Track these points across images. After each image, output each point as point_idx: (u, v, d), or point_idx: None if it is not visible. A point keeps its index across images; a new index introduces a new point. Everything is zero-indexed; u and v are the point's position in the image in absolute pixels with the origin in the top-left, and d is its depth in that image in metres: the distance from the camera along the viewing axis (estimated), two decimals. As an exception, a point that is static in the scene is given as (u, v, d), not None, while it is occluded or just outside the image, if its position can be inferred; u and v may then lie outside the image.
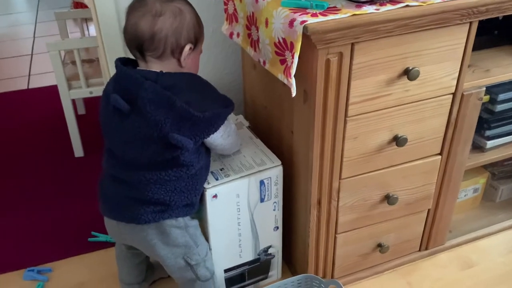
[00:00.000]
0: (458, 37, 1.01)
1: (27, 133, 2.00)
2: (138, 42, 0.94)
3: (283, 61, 0.95)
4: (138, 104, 0.92)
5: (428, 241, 1.34)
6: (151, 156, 0.96)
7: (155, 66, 0.97)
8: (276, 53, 0.97)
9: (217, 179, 1.08)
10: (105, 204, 1.06)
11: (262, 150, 1.18)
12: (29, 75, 2.56)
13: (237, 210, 1.13)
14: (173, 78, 0.95)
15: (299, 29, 0.86)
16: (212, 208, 1.09)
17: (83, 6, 3.11)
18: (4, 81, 2.49)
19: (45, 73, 2.54)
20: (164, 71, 0.95)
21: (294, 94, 0.93)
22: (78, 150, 1.83)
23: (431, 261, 1.36)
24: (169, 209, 1.00)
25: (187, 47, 0.97)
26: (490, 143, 1.28)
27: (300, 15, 0.88)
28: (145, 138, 0.94)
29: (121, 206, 1.01)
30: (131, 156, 0.98)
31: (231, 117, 1.20)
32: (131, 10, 0.96)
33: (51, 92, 2.30)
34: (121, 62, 0.98)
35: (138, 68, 0.99)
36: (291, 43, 0.90)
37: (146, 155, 0.96)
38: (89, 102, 2.11)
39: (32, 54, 2.82)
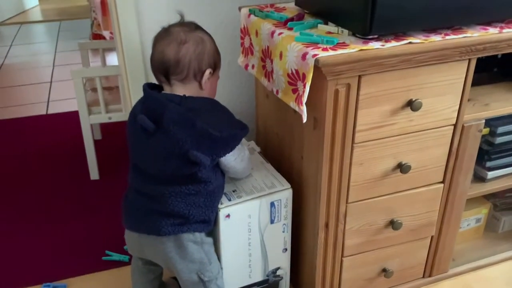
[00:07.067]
0: (458, 73, 1.09)
1: (45, 156, 2.09)
2: (164, 67, 1.05)
3: (295, 90, 1.03)
4: (163, 124, 1.01)
5: (432, 268, 1.38)
6: (172, 171, 1.04)
7: (178, 88, 1.07)
8: (289, 83, 1.05)
9: (229, 200, 1.14)
10: (128, 217, 1.13)
11: (273, 174, 1.24)
12: (48, 101, 2.68)
13: (248, 230, 1.18)
14: (196, 102, 1.05)
15: (311, 61, 0.95)
16: (224, 227, 1.14)
17: (101, 37, 3.28)
18: (24, 107, 2.60)
19: (63, 100, 2.65)
20: (187, 95, 1.05)
21: (305, 120, 1.01)
22: (94, 173, 1.91)
23: (435, 288, 1.40)
24: (188, 223, 1.06)
25: (208, 71, 1.07)
26: (491, 174, 1.33)
27: (312, 49, 0.96)
28: (167, 154, 1.02)
29: (144, 218, 1.08)
30: (155, 171, 1.06)
31: (244, 143, 1.27)
32: (157, 39, 1.07)
33: (69, 117, 2.41)
34: (148, 87, 1.08)
35: (163, 91, 1.09)
36: (303, 74, 0.98)
37: (168, 170, 1.04)
38: (105, 128, 2.20)
39: (51, 82, 2.95)
